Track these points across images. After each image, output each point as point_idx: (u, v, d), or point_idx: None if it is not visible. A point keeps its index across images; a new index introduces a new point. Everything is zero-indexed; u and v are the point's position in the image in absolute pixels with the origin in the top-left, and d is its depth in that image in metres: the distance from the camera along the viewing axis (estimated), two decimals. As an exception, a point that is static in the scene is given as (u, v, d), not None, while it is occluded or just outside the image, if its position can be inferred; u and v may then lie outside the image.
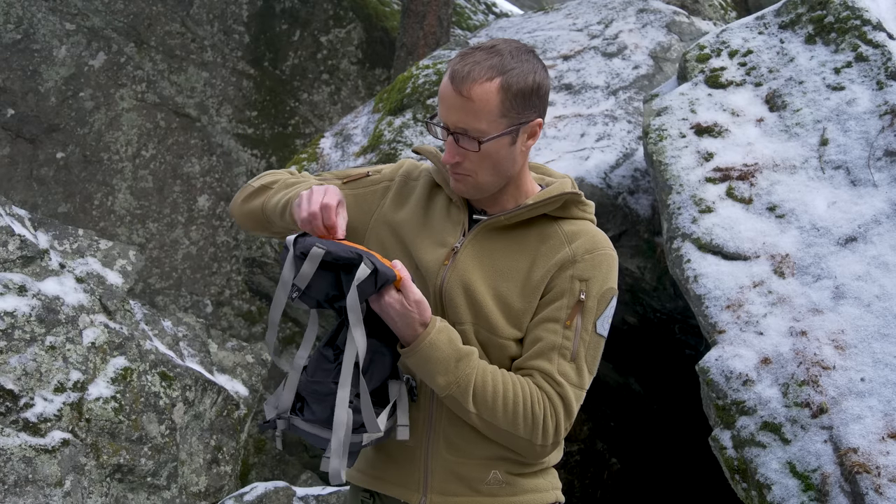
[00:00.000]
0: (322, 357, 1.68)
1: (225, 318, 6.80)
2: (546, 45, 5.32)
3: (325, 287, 1.62)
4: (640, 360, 4.54)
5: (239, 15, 7.31)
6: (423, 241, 1.82)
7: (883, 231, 2.99)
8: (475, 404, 1.67)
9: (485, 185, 1.76)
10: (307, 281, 1.61)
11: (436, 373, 1.66)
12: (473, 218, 1.82)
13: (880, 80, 3.39)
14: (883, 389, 2.61)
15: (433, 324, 1.66)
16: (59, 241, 3.76)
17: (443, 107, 1.71)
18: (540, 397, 1.69)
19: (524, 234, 1.78)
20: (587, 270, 1.74)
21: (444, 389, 1.67)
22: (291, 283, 1.62)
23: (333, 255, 1.59)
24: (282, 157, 7.11)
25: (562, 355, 1.71)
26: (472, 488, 1.77)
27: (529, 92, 1.69)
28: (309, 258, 1.60)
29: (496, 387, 1.68)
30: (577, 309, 1.72)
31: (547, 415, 1.69)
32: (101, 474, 3.31)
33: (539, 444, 1.70)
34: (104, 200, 6.90)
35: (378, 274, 1.59)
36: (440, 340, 1.65)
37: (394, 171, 1.93)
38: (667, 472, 4.81)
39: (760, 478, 2.61)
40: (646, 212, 4.00)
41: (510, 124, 1.70)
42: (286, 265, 1.64)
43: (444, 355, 1.65)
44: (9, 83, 6.80)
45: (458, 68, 1.67)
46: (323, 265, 1.60)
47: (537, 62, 1.72)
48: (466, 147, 1.70)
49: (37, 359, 3.23)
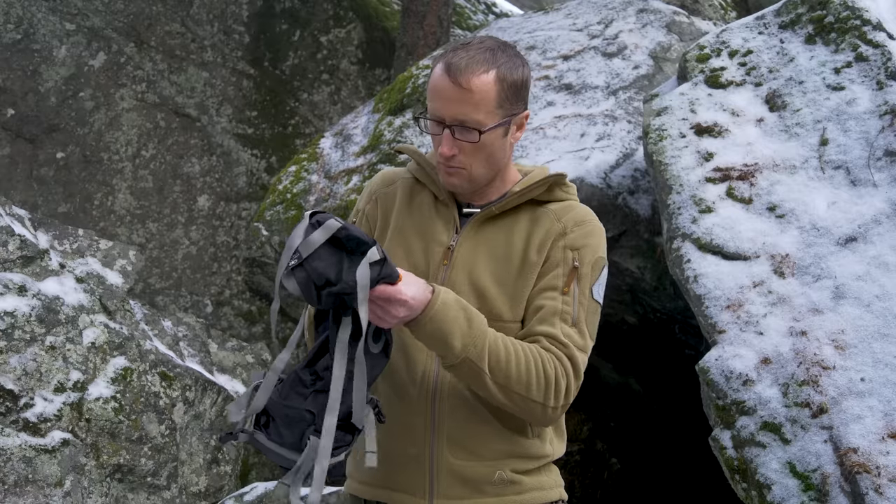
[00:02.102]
0: (298, 380, 1.62)
1: (225, 318, 6.80)
2: (546, 45, 5.32)
3: (324, 265, 1.54)
4: (640, 360, 4.54)
5: (239, 15, 7.31)
6: (416, 243, 1.83)
7: (883, 231, 2.99)
8: (489, 366, 1.67)
9: (478, 177, 1.79)
10: (312, 249, 1.53)
11: (451, 335, 1.63)
12: (463, 213, 1.84)
13: (880, 80, 3.39)
14: (883, 389, 2.61)
15: (437, 288, 1.65)
16: (59, 241, 3.76)
17: (438, 100, 1.72)
18: (550, 358, 1.71)
19: (515, 219, 1.83)
20: (578, 240, 1.79)
21: (461, 353, 1.65)
22: (295, 248, 1.55)
23: (347, 232, 1.54)
24: (282, 157, 7.12)
25: (563, 320, 1.74)
26: (478, 490, 1.77)
27: (520, 84, 1.76)
28: (322, 227, 1.54)
29: (507, 348, 1.69)
30: (573, 276, 1.77)
31: (559, 374, 1.71)
32: (101, 474, 3.31)
33: (552, 405, 1.71)
34: (104, 200, 6.90)
35: (385, 264, 1.55)
36: (449, 299, 1.65)
37: (367, 195, 1.96)
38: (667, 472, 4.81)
39: (760, 478, 2.62)
40: (646, 212, 4.00)
41: (504, 115, 1.74)
42: (296, 231, 1.57)
43: (456, 314, 1.64)
44: (9, 83, 6.80)
45: (454, 61, 1.70)
46: (333, 242, 1.54)
47: (519, 56, 1.78)
48: (464, 139, 1.72)
49: (37, 359, 3.23)
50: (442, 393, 1.77)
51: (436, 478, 1.77)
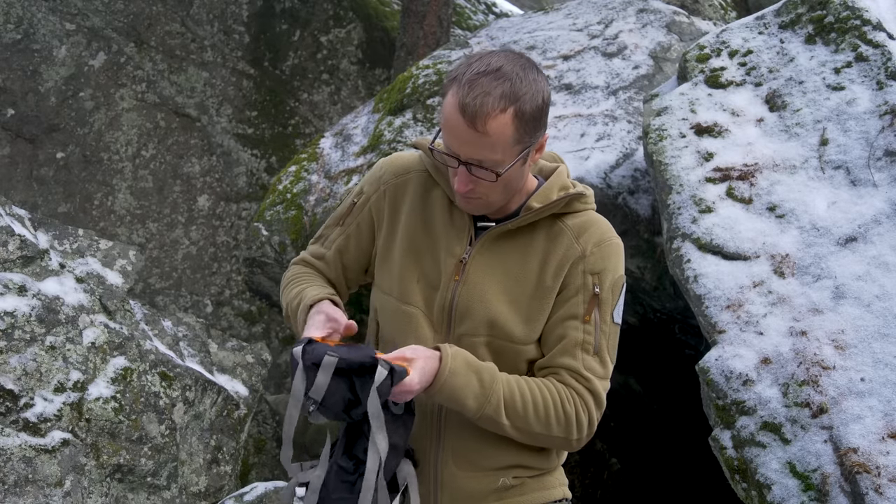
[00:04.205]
0: (341, 470, 1.63)
1: (225, 318, 6.80)
2: (546, 45, 5.32)
3: (340, 395, 1.56)
4: (640, 360, 4.54)
5: (239, 15, 7.31)
6: (428, 249, 1.80)
7: (883, 231, 2.99)
8: (508, 417, 1.68)
9: (496, 203, 1.74)
10: (323, 392, 1.54)
11: (465, 398, 1.65)
12: (478, 225, 1.79)
13: (880, 80, 3.39)
14: (883, 389, 2.61)
15: (444, 353, 1.65)
16: (59, 241, 3.76)
17: (453, 139, 1.64)
18: (569, 395, 1.71)
19: (531, 236, 1.77)
20: (598, 263, 1.75)
21: (477, 411, 1.67)
22: (306, 396, 1.55)
23: (347, 362, 1.54)
24: (282, 157, 7.12)
25: (585, 350, 1.73)
26: (482, 500, 1.78)
27: (540, 113, 1.66)
28: (322, 367, 1.54)
29: (524, 395, 1.69)
30: (594, 303, 1.74)
31: (579, 410, 1.71)
32: (101, 474, 3.31)
33: (575, 438, 1.73)
34: (104, 200, 6.90)
35: (395, 374, 1.55)
36: (458, 367, 1.65)
37: (375, 181, 1.89)
38: (667, 472, 4.81)
39: (760, 478, 2.61)
40: (646, 212, 4.00)
41: (524, 148, 1.67)
42: (296, 378, 1.57)
43: (467, 379, 1.65)
44: (9, 83, 6.80)
45: (468, 101, 1.58)
46: (336, 372, 1.55)
47: (540, 75, 1.68)
48: (481, 177, 1.66)
49: (37, 359, 3.23)
50: (447, 408, 1.76)
51: (440, 490, 1.78)
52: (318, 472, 1.67)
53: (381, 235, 1.86)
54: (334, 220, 1.94)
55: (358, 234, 1.89)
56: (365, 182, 1.91)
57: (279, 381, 6.43)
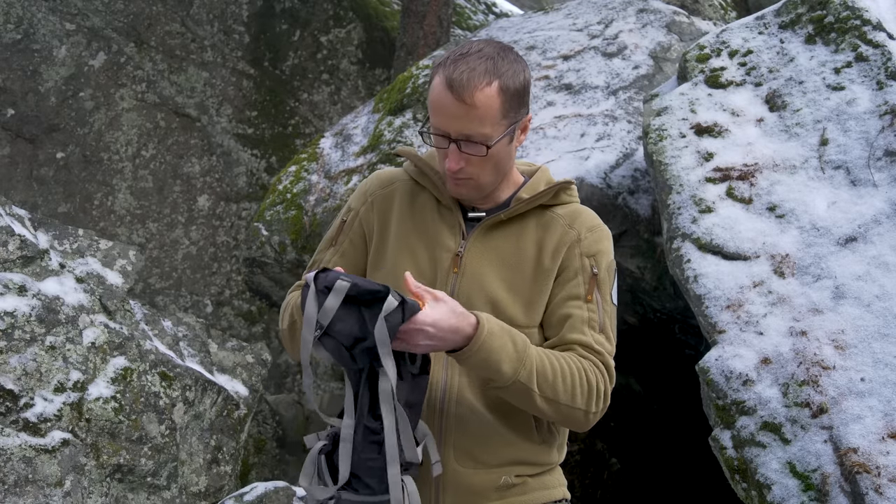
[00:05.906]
0: (368, 430, 1.63)
1: (225, 318, 6.80)
2: (546, 45, 5.32)
3: (349, 327, 1.54)
4: (640, 360, 4.54)
5: (239, 15, 7.31)
6: (421, 249, 1.82)
7: (883, 231, 2.99)
8: (538, 384, 1.68)
9: (486, 185, 1.79)
10: (331, 316, 1.54)
11: (500, 362, 1.64)
12: (469, 216, 1.83)
13: (880, 80, 3.39)
14: (883, 389, 2.61)
15: (480, 317, 1.64)
16: (59, 241, 3.76)
17: (441, 116, 1.70)
18: (590, 366, 1.74)
19: (522, 225, 1.82)
20: (593, 245, 1.81)
21: (511, 377, 1.65)
22: (315, 320, 1.54)
23: (359, 288, 1.54)
24: (282, 157, 7.12)
25: (591, 327, 1.77)
26: (483, 496, 1.78)
27: (522, 90, 1.74)
28: (334, 291, 1.54)
29: (552, 363, 1.70)
30: (593, 283, 1.79)
31: (599, 381, 1.74)
32: (101, 474, 3.31)
33: (593, 411, 1.75)
34: (104, 200, 6.90)
35: (406, 305, 1.54)
36: (494, 328, 1.64)
37: (362, 195, 1.92)
38: (667, 472, 4.81)
39: (760, 478, 2.61)
40: (646, 212, 4.00)
41: (509, 124, 1.73)
42: (308, 302, 1.56)
43: (502, 342, 1.64)
44: (9, 83, 6.80)
45: (455, 76, 1.66)
46: (347, 300, 1.54)
47: (519, 59, 1.76)
48: (471, 153, 1.71)
49: (37, 359, 3.23)
50: (450, 404, 1.77)
51: (443, 488, 1.78)
52: (347, 420, 1.64)
53: (373, 244, 1.87)
54: (326, 243, 1.95)
55: (353, 251, 1.90)
56: (352, 199, 1.95)
57: (279, 381, 6.44)
